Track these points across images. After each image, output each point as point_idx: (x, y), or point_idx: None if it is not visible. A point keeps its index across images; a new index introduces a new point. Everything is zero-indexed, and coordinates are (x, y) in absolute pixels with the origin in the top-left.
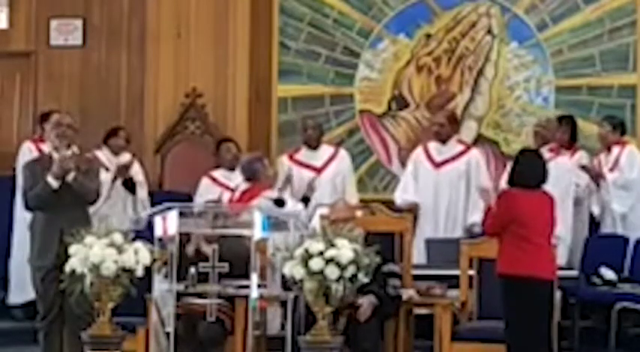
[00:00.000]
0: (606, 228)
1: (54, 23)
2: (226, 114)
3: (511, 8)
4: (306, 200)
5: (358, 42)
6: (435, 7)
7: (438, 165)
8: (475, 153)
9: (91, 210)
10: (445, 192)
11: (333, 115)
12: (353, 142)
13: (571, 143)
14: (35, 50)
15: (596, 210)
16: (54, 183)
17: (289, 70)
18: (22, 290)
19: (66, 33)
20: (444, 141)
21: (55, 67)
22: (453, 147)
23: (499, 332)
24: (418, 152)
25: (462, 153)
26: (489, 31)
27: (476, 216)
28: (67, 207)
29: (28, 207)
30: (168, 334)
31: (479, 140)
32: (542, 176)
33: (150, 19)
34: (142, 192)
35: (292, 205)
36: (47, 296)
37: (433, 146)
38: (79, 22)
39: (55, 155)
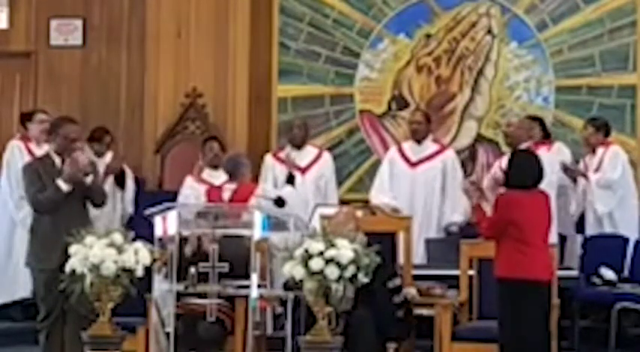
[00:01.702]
0: (590, 228)
1: (54, 23)
2: (226, 114)
3: (511, 8)
4: (280, 202)
5: (358, 42)
6: (435, 7)
7: (413, 164)
8: (450, 153)
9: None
10: (421, 191)
11: (333, 115)
12: (353, 142)
13: (545, 139)
14: (35, 50)
15: (572, 209)
16: (64, 186)
17: (289, 70)
18: (6, 289)
19: (66, 33)
20: (419, 140)
21: (55, 67)
22: (428, 146)
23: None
24: (392, 152)
25: (437, 153)
26: (489, 31)
27: (455, 216)
28: (71, 210)
29: (37, 211)
30: (168, 334)
31: (478, 140)
32: (538, 175)
33: (150, 19)
34: (130, 187)
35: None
36: (50, 297)
37: (408, 146)
38: (79, 22)
39: (57, 158)
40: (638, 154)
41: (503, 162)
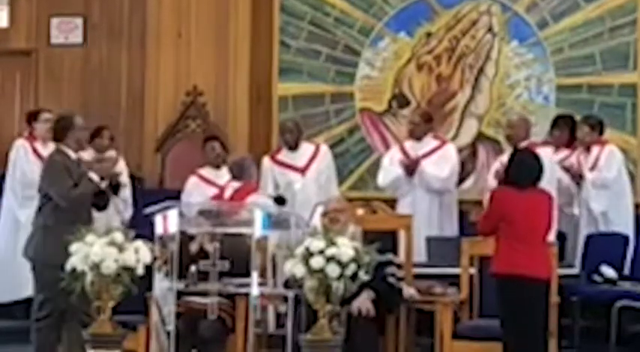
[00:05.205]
0: (587, 227)
1: (54, 21)
2: (227, 112)
3: (512, 6)
4: (281, 200)
5: (359, 40)
6: (436, 6)
7: None
8: (449, 147)
9: None
10: (421, 189)
11: (334, 114)
12: (353, 141)
13: (570, 142)
14: (36, 48)
15: (575, 210)
16: (100, 182)
17: (290, 68)
18: (9, 288)
19: (66, 31)
20: (419, 138)
21: (56, 66)
22: (428, 143)
23: (499, 331)
24: (394, 151)
25: (437, 148)
26: (490, 30)
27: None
28: (87, 210)
29: (70, 206)
30: (168, 332)
31: (479, 138)
32: (537, 174)
33: (150, 17)
34: (125, 192)
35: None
36: (59, 295)
37: (409, 144)
38: (79, 21)
39: (73, 154)
40: (638, 153)
41: (505, 158)
